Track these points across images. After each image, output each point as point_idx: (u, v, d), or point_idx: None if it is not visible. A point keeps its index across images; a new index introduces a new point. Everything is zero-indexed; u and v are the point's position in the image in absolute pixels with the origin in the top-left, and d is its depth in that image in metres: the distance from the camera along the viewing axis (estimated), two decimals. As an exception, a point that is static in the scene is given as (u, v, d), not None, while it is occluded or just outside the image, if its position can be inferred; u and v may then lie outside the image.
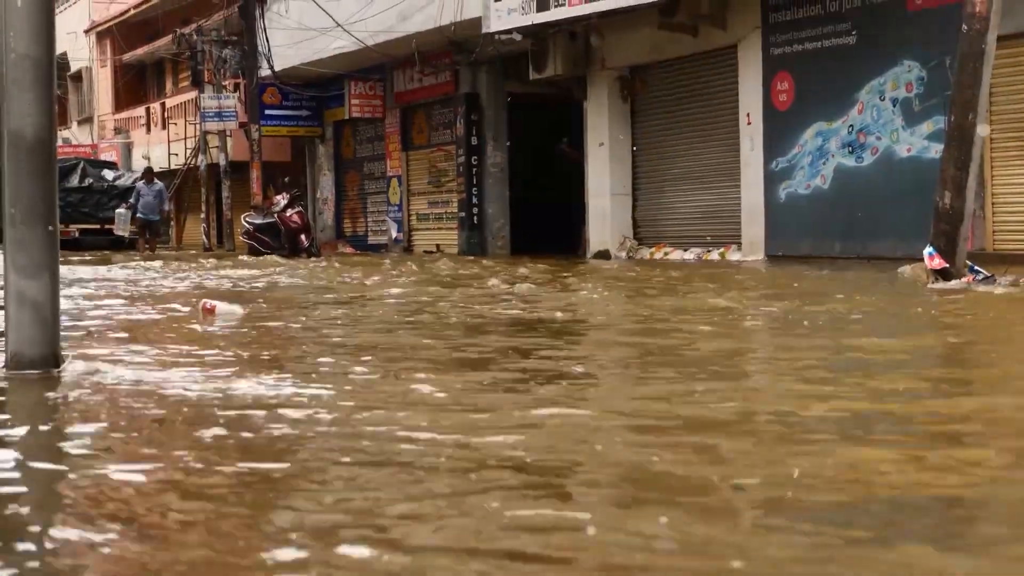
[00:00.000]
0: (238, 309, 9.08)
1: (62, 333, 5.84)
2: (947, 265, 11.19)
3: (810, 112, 16.70)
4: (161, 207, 29.52)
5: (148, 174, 30.47)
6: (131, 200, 29.46)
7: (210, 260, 21.88)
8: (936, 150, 13.68)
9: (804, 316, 8.34)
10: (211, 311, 8.94)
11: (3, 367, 5.62)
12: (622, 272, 15.64)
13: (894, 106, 15.49)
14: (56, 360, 5.64)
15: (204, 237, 33.81)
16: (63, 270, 6.40)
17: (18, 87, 5.57)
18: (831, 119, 16.39)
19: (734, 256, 17.80)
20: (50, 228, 5.65)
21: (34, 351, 5.57)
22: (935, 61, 14.75)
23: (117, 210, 30.26)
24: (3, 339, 5.74)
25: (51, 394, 5.10)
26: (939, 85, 14.47)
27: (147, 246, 28.72)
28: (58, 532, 2.86)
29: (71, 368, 5.68)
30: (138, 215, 28.88)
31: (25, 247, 5.57)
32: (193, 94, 34.98)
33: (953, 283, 10.99)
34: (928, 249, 11.37)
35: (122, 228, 29.67)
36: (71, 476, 3.56)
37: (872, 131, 15.81)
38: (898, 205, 15.13)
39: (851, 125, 16.11)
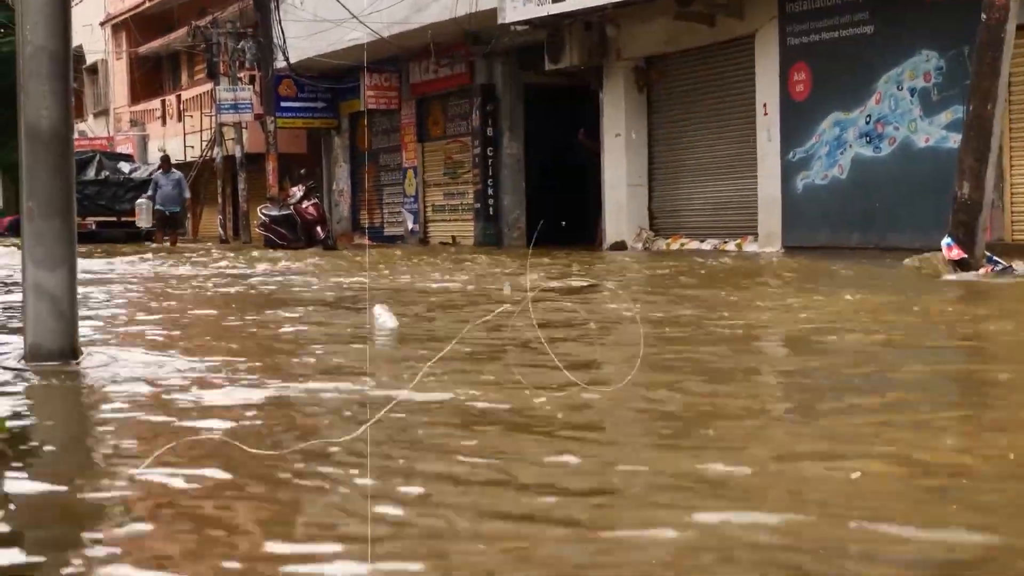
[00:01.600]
0: (390, 320, 7.34)
1: (83, 326, 5.84)
2: (965, 256, 11.15)
3: (827, 102, 16.65)
4: (182, 197, 28.13)
5: (165, 163, 29.29)
6: (149, 192, 28.25)
7: (253, 253, 21.04)
8: (954, 140, 13.63)
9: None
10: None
11: (22, 359, 5.64)
12: (664, 265, 15.02)
13: (912, 96, 15.44)
14: (74, 352, 5.65)
15: (220, 229, 33.88)
16: (98, 266, 6.40)
17: (35, 80, 5.57)
18: (849, 109, 16.33)
19: (751, 247, 17.75)
20: (67, 221, 5.65)
21: (52, 343, 5.57)
22: (953, 51, 14.69)
23: (138, 201, 29.09)
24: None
25: (67, 384, 5.11)
26: (957, 75, 14.42)
27: (165, 239, 27.64)
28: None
29: (89, 360, 5.69)
30: (156, 207, 27.64)
31: (43, 240, 5.57)
32: (209, 86, 35.05)
33: (971, 274, 10.95)
34: (946, 240, 11.33)
35: (144, 219, 28.39)
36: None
37: (890, 121, 15.75)
38: (916, 196, 15.08)
39: (869, 115, 16.05)
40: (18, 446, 3.81)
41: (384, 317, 7.36)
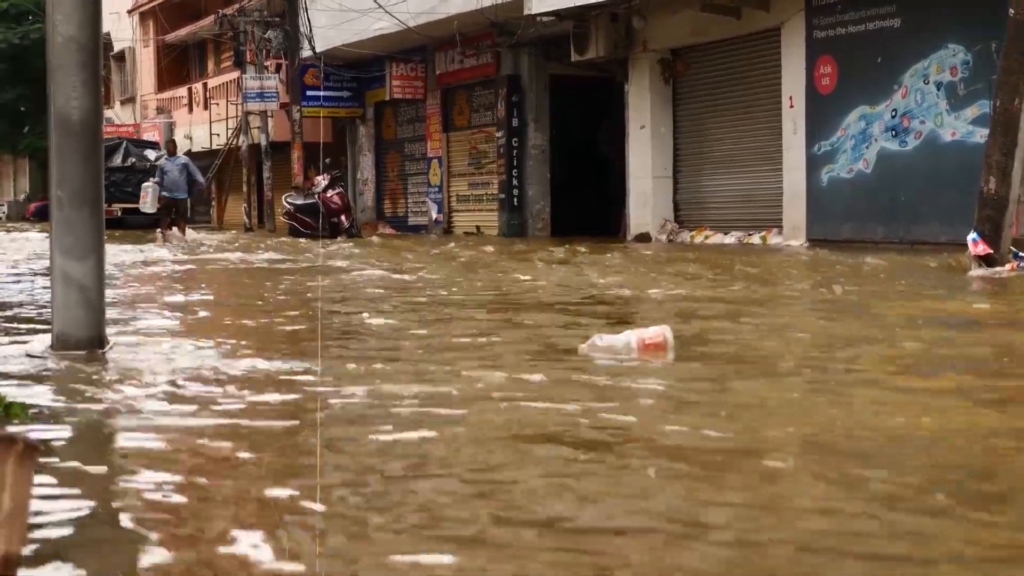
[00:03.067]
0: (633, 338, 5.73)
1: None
2: (991, 251, 11.11)
3: (853, 96, 16.59)
4: (191, 181, 25.55)
5: (171, 146, 27.45)
6: (155, 178, 25.65)
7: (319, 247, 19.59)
8: (981, 135, 13.58)
9: None
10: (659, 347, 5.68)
11: (49, 347, 5.69)
12: (714, 259, 14.59)
13: (938, 90, 15.38)
14: (101, 341, 5.69)
15: (245, 217, 33.97)
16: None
17: (65, 70, 5.62)
18: (874, 103, 16.28)
19: (775, 240, 17.72)
20: (96, 211, 5.70)
21: (80, 332, 5.62)
22: (980, 45, 14.63)
23: (144, 184, 26.21)
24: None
25: (94, 373, 5.15)
26: (984, 69, 14.35)
27: (171, 227, 25.16)
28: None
29: (116, 349, 5.73)
30: (162, 193, 25.14)
31: (71, 229, 5.62)
32: (235, 74, 35.13)
33: (997, 269, 10.91)
34: (972, 235, 11.29)
35: (149, 203, 25.62)
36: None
37: (916, 115, 15.69)
38: (942, 190, 15.02)
39: (895, 109, 15.99)
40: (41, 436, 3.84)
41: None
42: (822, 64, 17.03)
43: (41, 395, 4.56)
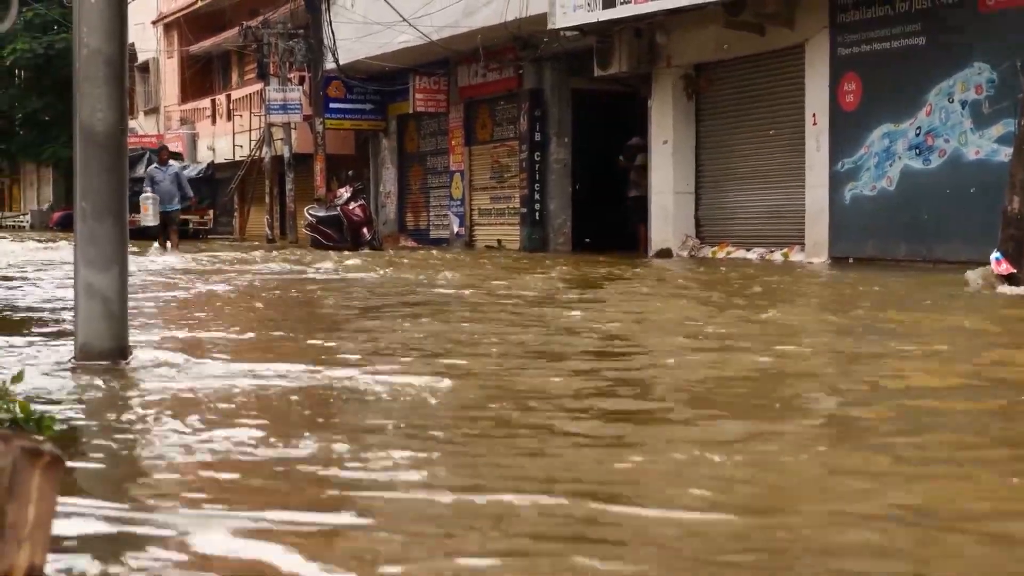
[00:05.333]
0: None
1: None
2: (1014, 271, 11.06)
3: (877, 113, 16.55)
4: (182, 192, 23.76)
5: (163, 153, 25.28)
6: (146, 189, 23.64)
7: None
8: (1005, 154, 13.53)
9: None
10: None
11: (72, 357, 5.71)
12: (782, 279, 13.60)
13: (963, 108, 15.33)
14: (124, 352, 5.71)
15: (267, 229, 34.08)
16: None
17: (90, 83, 5.64)
18: (898, 121, 16.24)
19: (797, 257, 17.68)
20: (120, 222, 5.72)
21: (103, 343, 5.64)
22: (1006, 63, 14.59)
23: (143, 195, 23.54)
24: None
25: (115, 384, 5.16)
26: (1010, 88, 14.31)
27: (167, 241, 23.68)
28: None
29: (139, 360, 5.75)
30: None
31: (95, 241, 5.64)
32: (258, 86, 35.26)
33: (1021, 289, 10.86)
34: (995, 254, 11.24)
35: (152, 216, 23.55)
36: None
37: (940, 133, 15.65)
38: (965, 209, 14.97)
39: (919, 127, 15.95)
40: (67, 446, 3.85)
41: None
42: (846, 81, 17.01)
43: (64, 407, 4.57)
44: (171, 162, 24.76)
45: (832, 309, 9.87)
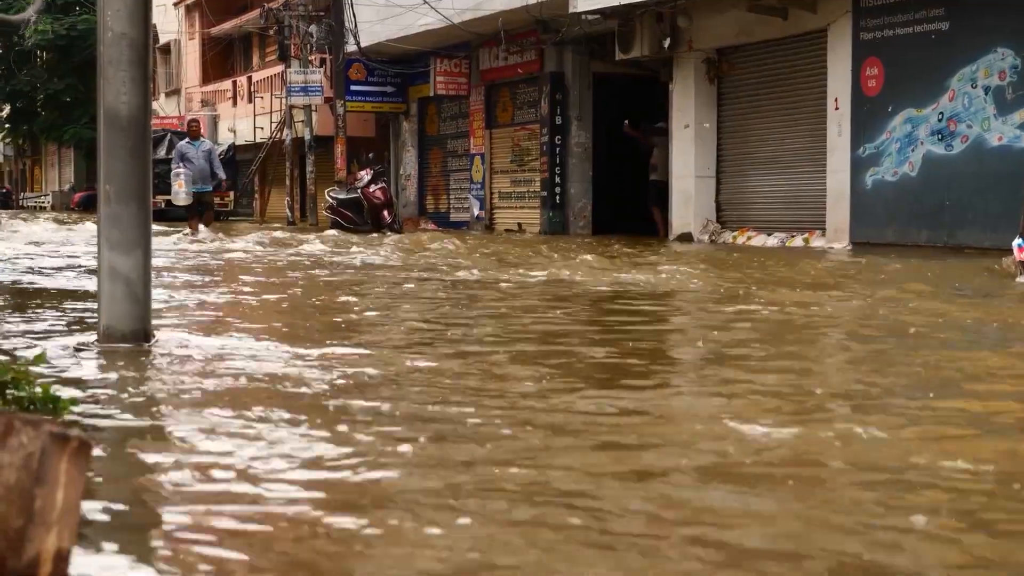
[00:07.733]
0: None
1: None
2: (1035, 257, 11.01)
3: (899, 98, 16.50)
4: (214, 172, 21.78)
5: (194, 128, 22.91)
6: (176, 165, 21.57)
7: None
8: (1028, 140, 13.48)
9: None
10: None
11: (96, 340, 5.74)
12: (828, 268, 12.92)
13: (986, 94, 15.27)
14: (147, 335, 5.74)
15: (288, 211, 34.13)
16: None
17: (114, 66, 5.66)
18: (921, 106, 16.18)
19: (818, 242, 17.64)
20: (143, 205, 5.74)
21: (125, 326, 5.67)
22: (1030, 49, 14.52)
23: (175, 171, 21.60)
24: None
25: (134, 366, 5.19)
26: (1033, 74, 14.25)
27: (197, 224, 21.74)
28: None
29: (162, 342, 5.78)
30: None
31: (118, 223, 5.67)
32: (279, 68, 35.29)
33: (1042, 276, 10.81)
34: (1017, 241, 11.20)
35: (184, 196, 21.59)
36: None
37: (963, 119, 15.59)
38: (987, 194, 14.92)
39: (941, 112, 15.89)
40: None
41: None
42: (868, 66, 16.94)
43: (87, 389, 4.59)
44: (202, 138, 22.85)
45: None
